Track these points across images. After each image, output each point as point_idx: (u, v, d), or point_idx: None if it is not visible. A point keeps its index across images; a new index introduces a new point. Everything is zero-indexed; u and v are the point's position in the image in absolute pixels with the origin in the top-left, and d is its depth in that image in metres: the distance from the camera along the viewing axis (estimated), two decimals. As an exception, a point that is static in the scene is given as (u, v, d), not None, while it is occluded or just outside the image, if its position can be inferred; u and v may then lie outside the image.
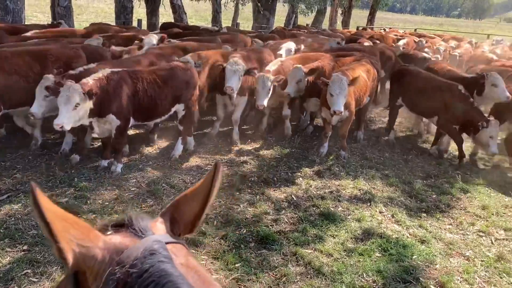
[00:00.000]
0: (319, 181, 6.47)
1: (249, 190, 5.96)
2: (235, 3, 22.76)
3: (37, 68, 6.33)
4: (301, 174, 6.65)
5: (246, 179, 6.29)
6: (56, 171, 5.93)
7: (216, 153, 7.21)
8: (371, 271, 4.38)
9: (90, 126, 5.90)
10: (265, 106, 7.43)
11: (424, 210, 5.89)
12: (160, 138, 7.49)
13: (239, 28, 19.36)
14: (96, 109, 5.66)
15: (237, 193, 5.83)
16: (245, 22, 28.41)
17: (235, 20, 23.53)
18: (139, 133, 7.78)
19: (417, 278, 4.35)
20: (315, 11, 25.94)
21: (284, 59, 8.40)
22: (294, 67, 7.56)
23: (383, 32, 18.94)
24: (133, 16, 16.90)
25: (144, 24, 17.36)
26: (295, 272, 4.27)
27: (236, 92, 7.09)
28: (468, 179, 7.05)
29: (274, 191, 6.04)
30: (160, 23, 16.70)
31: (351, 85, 6.81)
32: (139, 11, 19.85)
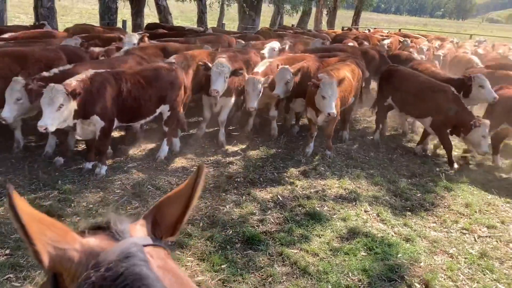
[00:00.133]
0: (305, 181, 6.49)
1: (235, 191, 5.95)
2: (220, 4, 22.69)
3: (17, 70, 6.23)
4: (287, 174, 6.67)
5: (232, 179, 6.28)
6: (40, 174, 5.85)
7: (202, 154, 7.19)
8: (356, 270, 4.41)
9: (73, 128, 5.84)
10: (256, 108, 7.46)
11: (409, 208, 5.95)
12: (145, 139, 7.44)
13: (224, 28, 19.32)
14: (80, 111, 5.60)
15: (223, 194, 5.82)
16: (231, 23, 28.38)
17: (220, 20, 23.46)
18: (123, 134, 7.70)
19: (402, 277, 4.39)
20: (300, 11, 26.00)
21: (271, 60, 8.40)
22: (281, 68, 7.56)
23: (368, 32, 19.08)
24: (117, 17, 16.75)
25: (129, 25, 17.24)
26: (281, 272, 4.28)
27: (221, 94, 7.07)
28: (452, 177, 7.13)
29: (260, 191, 6.04)
30: (145, 24, 16.58)
31: (337, 86, 6.85)
32: (124, 12, 19.69)
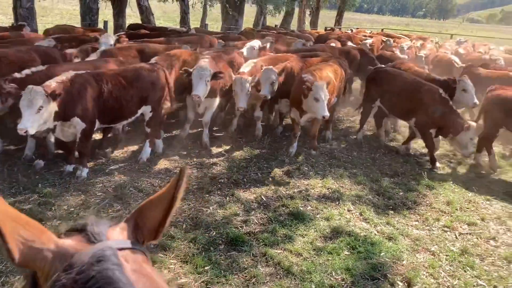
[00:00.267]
0: (289, 180, 6.50)
1: (218, 192, 5.94)
2: (203, 4, 22.62)
3: None
4: (270, 174, 6.67)
5: (215, 181, 6.26)
6: (19, 177, 5.76)
7: (185, 155, 7.15)
8: (340, 269, 4.43)
9: (53, 130, 5.76)
10: (246, 108, 7.45)
11: (391, 207, 6.00)
12: (127, 141, 7.37)
13: (207, 29, 19.27)
14: (61, 112, 5.53)
15: (207, 195, 5.79)
16: (214, 23, 28.31)
17: (203, 21, 23.40)
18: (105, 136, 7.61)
19: (384, 275, 4.42)
20: (283, 12, 26.08)
21: (255, 60, 8.39)
22: (265, 68, 7.53)
23: (350, 32, 19.21)
24: (99, 18, 16.58)
25: (111, 25, 17.08)
26: (264, 273, 4.28)
27: (203, 98, 6.99)
28: (433, 176, 7.21)
29: (244, 192, 6.03)
30: (127, 25, 16.44)
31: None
32: (105, 13, 19.49)
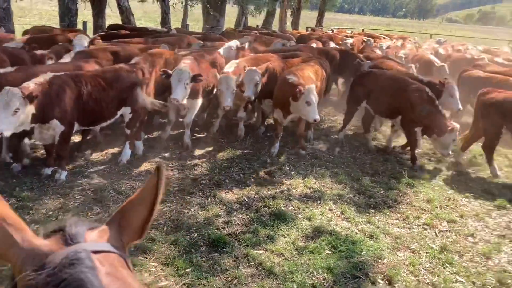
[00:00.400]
0: (271, 181, 6.50)
1: (200, 193, 5.90)
2: (183, 4, 22.51)
3: None
4: (253, 175, 6.66)
5: (197, 182, 6.23)
6: (-4, 181, 5.65)
7: (166, 157, 7.09)
8: (321, 268, 4.44)
9: (31, 132, 5.66)
10: (231, 107, 7.43)
11: (372, 206, 6.04)
12: (107, 143, 7.28)
13: (189, 29, 19.19)
14: (39, 114, 5.43)
15: (188, 197, 5.76)
16: (195, 24, 28.19)
17: (184, 21, 23.30)
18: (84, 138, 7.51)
19: (366, 273, 4.45)
20: (264, 12, 26.12)
21: (237, 61, 8.36)
22: (249, 69, 7.49)
23: (331, 32, 19.34)
24: (78, 18, 16.37)
25: (90, 26, 16.87)
26: (246, 273, 4.26)
27: (182, 101, 6.90)
28: (413, 174, 7.29)
29: (226, 193, 6.01)
30: (107, 25, 16.27)
31: None
32: (85, 13, 19.28)
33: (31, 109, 5.27)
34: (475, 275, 4.61)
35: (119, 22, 17.91)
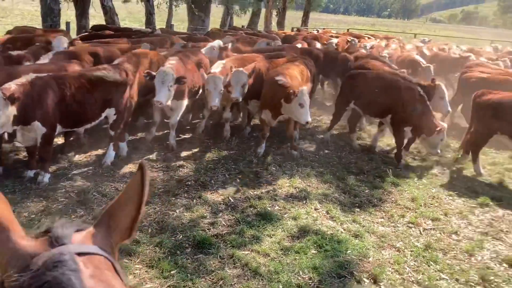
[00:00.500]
0: (256, 181, 6.50)
1: (185, 195, 5.87)
2: (168, 4, 22.38)
3: None
4: (238, 175, 6.65)
5: (182, 183, 6.20)
6: (-24, 185, 5.55)
7: (151, 158, 7.04)
8: (307, 268, 4.45)
9: (12, 134, 5.58)
10: (218, 106, 7.40)
11: (357, 205, 6.08)
12: (90, 144, 7.20)
13: (173, 29, 19.08)
14: (20, 116, 5.34)
15: (173, 198, 5.72)
16: (180, 24, 28.05)
17: (169, 21, 23.18)
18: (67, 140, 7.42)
19: (351, 272, 4.46)
20: (249, 12, 26.11)
21: (223, 61, 8.32)
22: (236, 71, 7.44)
23: (316, 32, 19.40)
24: (61, 19, 16.17)
25: (74, 27, 16.68)
26: (232, 275, 4.25)
27: (165, 104, 6.84)
28: (398, 173, 7.35)
29: (211, 194, 5.99)
30: (91, 26, 16.10)
31: None
32: (68, 14, 19.04)
33: (12, 110, 5.18)
34: (458, 272, 4.66)
35: (103, 22, 17.72)
